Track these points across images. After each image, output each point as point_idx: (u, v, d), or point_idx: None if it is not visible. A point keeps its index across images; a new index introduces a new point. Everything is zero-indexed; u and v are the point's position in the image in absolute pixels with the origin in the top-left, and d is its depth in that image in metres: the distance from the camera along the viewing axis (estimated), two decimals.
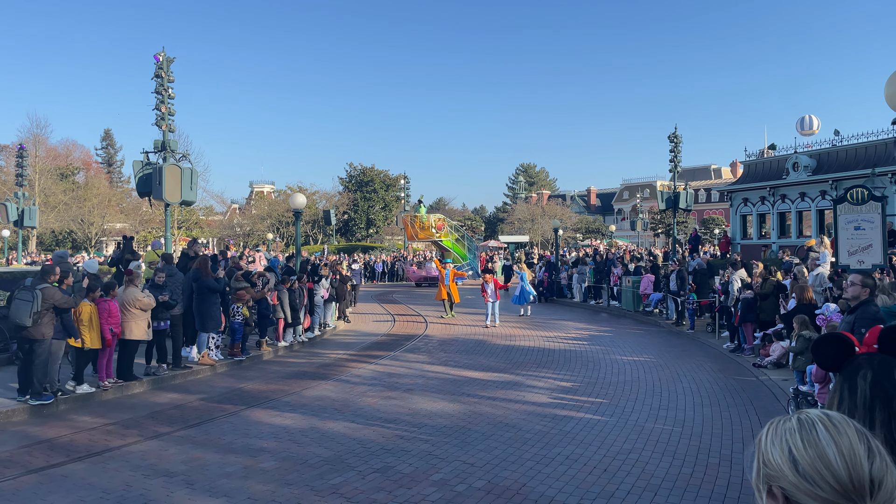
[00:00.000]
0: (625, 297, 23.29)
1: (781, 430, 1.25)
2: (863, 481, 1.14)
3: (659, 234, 65.73)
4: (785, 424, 1.26)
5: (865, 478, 1.15)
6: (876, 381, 1.65)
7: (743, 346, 14.33)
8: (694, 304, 18.27)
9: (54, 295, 9.75)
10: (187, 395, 11.00)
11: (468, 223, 73.16)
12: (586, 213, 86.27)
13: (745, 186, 26.78)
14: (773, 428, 1.28)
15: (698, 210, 63.66)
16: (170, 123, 18.02)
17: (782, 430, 1.25)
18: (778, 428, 1.27)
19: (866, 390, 1.64)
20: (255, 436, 8.47)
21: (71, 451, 7.84)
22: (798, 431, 1.22)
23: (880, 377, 1.65)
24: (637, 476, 6.89)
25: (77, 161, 66.03)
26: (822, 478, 1.16)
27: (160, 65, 17.87)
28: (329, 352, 15.54)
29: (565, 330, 18.74)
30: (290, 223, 59.17)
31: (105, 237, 60.41)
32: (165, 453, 7.76)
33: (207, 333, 13.27)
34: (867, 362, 1.68)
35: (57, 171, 58.49)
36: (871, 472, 1.15)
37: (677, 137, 27.70)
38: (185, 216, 56.29)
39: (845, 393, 1.67)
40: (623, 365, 13.24)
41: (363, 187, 70.80)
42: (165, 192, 17.28)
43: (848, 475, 1.15)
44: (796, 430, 1.23)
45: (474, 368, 13.01)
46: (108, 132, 78.26)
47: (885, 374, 1.65)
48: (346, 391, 11.14)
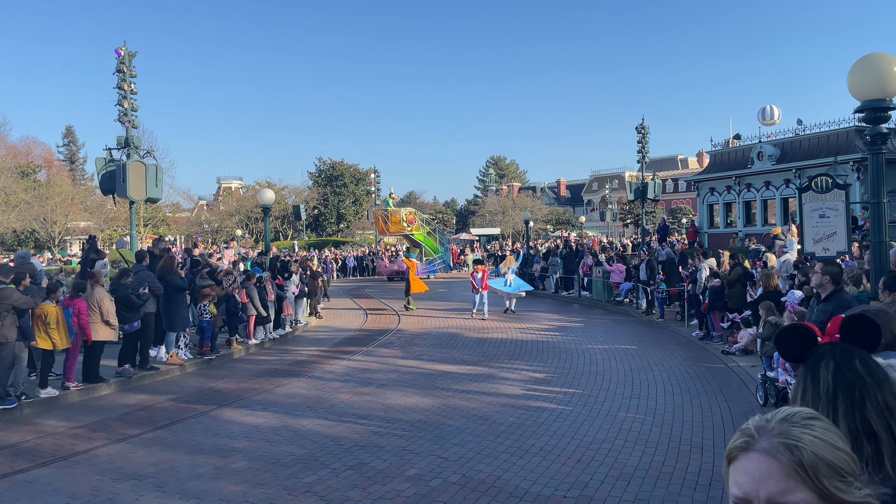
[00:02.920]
0: (595, 287, 23.48)
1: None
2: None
3: (628, 224, 66.43)
4: (770, 422, 1.24)
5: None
6: (838, 371, 1.65)
7: (711, 333, 14.55)
8: (663, 293, 18.49)
9: (12, 296, 9.49)
10: (156, 395, 10.82)
11: (439, 216, 73.10)
12: (556, 204, 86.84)
13: (711, 176, 27.12)
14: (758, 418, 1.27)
15: (666, 200, 64.38)
16: (133, 119, 17.67)
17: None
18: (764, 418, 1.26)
19: (829, 380, 1.65)
20: (227, 436, 8.36)
21: (36, 456, 7.66)
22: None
23: (842, 366, 1.66)
24: (610, 465, 6.95)
25: (38, 159, 64.43)
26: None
27: (122, 59, 17.49)
28: (301, 348, 15.42)
29: (537, 321, 18.84)
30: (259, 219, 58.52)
31: (69, 236, 59.15)
32: (134, 456, 7.62)
33: (175, 332, 13.07)
34: (829, 352, 1.69)
35: (17, 169, 57.01)
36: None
37: (645, 128, 27.99)
38: (151, 213, 55.35)
39: (808, 384, 1.68)
40: (595, 355, 13.35)
41: (333, 182, 70.36)
42: (130, 189, 16.96)
43: None
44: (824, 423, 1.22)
45: (447, 362, 13.01)
46: (69, 129, 76.59)
47: (846, 364, 1.66)
48: (318, 388, 11.06)
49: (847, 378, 1.65)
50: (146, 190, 17.28)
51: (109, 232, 53.84)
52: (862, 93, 6.61)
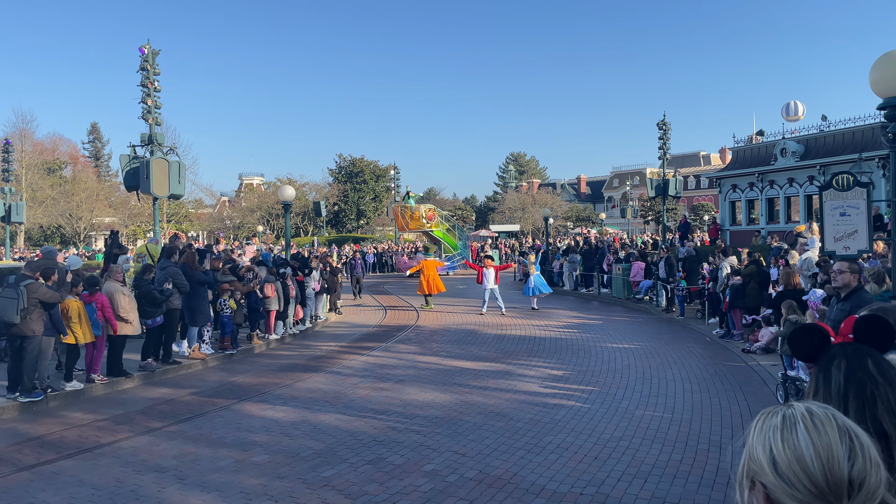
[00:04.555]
0: (615, 284, 23.38)
1: (767, 427, 1.24)
2: (840, 483, 1.14)
3: (649, 221, 65.95)
4: (771, 420, 1.25)
5: (843, 480, 1.14)
6: (850, 370, 1.66)
7: (732, 331, 14.44)
8: (683, 290, 18.37)
9: (39, 290, 9.69)
10: (178, 389, 10.98)
11: (459, 213, 73.17)
12: (576, 201, 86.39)
13: (733, 173, 26.86)
14: (761, 422, 1.27)
15: (688, 197, 63.90)
16: (156, 116, 17.90)
17: (768, 426, 1.25)
18: (764, 423, 1.26)
19: (840, 380, 1.66)
20: (247, 429, 8.48)
21: (61, 448, 7.82)
22: (780, 430, 1.21)
23: (854, 366, 1.67)
24: (627, 463, 6.94)
25: (64, 155, 65.48)
26: (798, 480, 1.15)
27: (145, 57, 17.72)
28: (320, 344, 15.54)
29: (556, 318, 18.81)
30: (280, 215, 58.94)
31: (94, 232, 60.03)
32: (156, 448, 7.76)
33: (197, 327, 13.24)
34: (841, 352, 1.70)
35: (44, 165, 58.00)
36: (850, 473, 1.15)
37: (666, 125, 27.76)
38: (175, 209, 55.95)
39: (820, 383, 1.69)
40: (613, 352, 13.31)
41: (353, 178, 70.60)
42: (153, 185, 17.19)
43: (824, 477, 1.14)
44: (779, 428, 1.22)
45: (465, 358, 13.05)
46: (94, 126, 77.67)
47: (858, 363, 1.67)
48: (337, 383, 11.15)
49: (859, 378, 1.66)
50: (169, 186, 17.51)
51: (133, 227, 54.57)
52: (884, 90, 6.54)
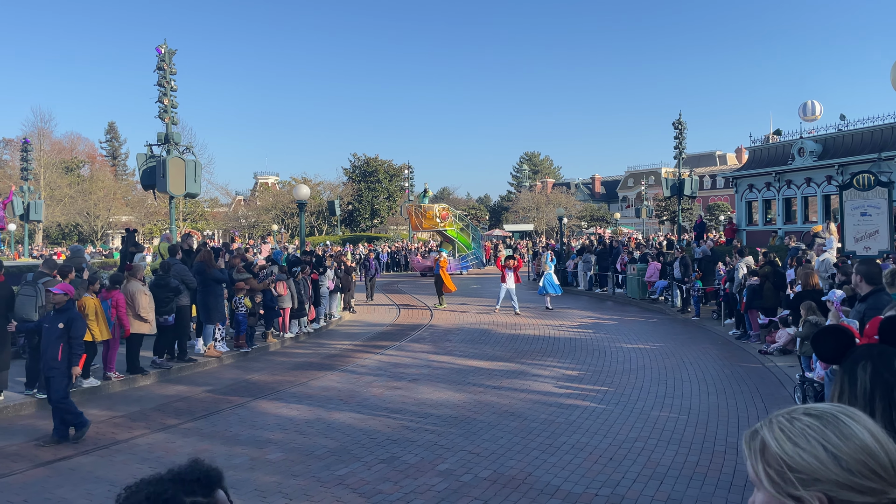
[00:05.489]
0: (630, 284, 23.26)
1: (798, 431, 1.16)
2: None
3: (664, 221, 65.60)
4: (796, 424, 1.17)
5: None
6: (876, 372, 1.63)
7: (749, 332, 14.31)
8: (699, 291, 18.24)
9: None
10: (194, 387, 11.05)
11: (472, 212, 73.08)
12: (591, 200, 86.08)
13: (750, 172, 26.62)
14: (779, 432, 1.18)
15: (703, 197, 63.49)
16: (173, 116, 18.00)
17: (798, 430, 1.16)
18: (787, 430, 1.17)
19: (866, 381, 1.63)
20: (262, 427, 8.51)
21: (78, 445, 7.88)
22: (824, 427, 1.14)
23: (880, 367, 1.64)
24: (643, 464, 6.89)
25: (82, 154, 66.15)
26: (868, 468, 1.11)
27: (162, 57, 17.82)
28: (335, 342, 15.58)
29: (570, 318, 18.73)
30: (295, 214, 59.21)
31: (111, 230, 60.60)
32: (172, 445, 7.81)
33: (213, 325, 13.32)
34: (867, 353, 1.67)
35: (62, 164, 58.63)
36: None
37: (682, 124, 27.57)
38: (190, 208, 56.36)
39: (845, 385, 1.66)
40: (628, 353, 13.23)
41: (367, 178, 70.75)
42: (169, 184, 17.29)
43: (890, 461, 1.11)
44: (822, 427, 1.15)
45: (479, 358, 13.02)
46: (112, 125, 78.33)
47: (884, 365, 1.64)
48: (351, 382, 11.17)
49: (885, 380, 1.63)
50: (185, 185, 17.60)
51: (150, 226, 55.01)
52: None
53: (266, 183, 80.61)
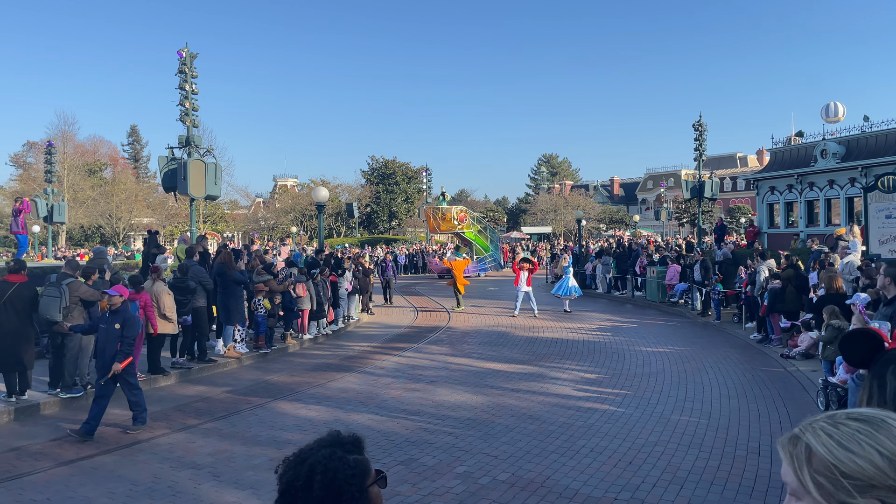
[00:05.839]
0: (649, 287, 23.09)
1: (847, 436, 1.12)
2: None
3: (684, 223, 65.08)
4: (843, 429, 1.13)
5: None
6: None
7: (770, 336, 14.15)
8: (720, 294, 18.06)
9: (79, 288, 9.91)
10: (214, 387, 11.13)
11: (490, 214, 72.99)
12: (610, 203, 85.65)
13: (771, 174, 26.34)
14: (826, 438, 1.13)
15: (724, 199, 62.91)
16: (194, 119, 18.16)
17: (847, 435, 1.12)
18: (836, 435, 1.13)
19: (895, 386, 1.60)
20: (281, 428, 8.55)
21: (100, 444, 7.97)
22: (875, 431, 1.11)
23: None
24: (663, 469, 6.83)
25: (104, 157, 67.02)
26: None
27: (183, 60, 17.99)
28: (353, 344, 15.62)
29: (589, 321, 18.64)
30: (314, 216, 59.50)
31: (132, 232, 61.29)
32: (193, 445, 7.87)
33: (233, 326, 13.41)
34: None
35: (85, 167, 59.43)
36: None
37: (702, 126, 27.34)
38: (211, 210, 56.89)
39: (874, 389, 1.63)
40: (648, 356, 13.13)
41: (385, 180, 70.96)
42: (190, 186, 17.44)
43: None
44: (873, 431, 1.11)
45: (497, 360, 12.99)
46: (134, 128, 79.35)
47: None
48: (370, 383, 11.19)
49: None
50: (206, 187, 17.75)
51: (171, 228, 55.57)
52: None
53: (285, 185, 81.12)
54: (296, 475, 1.67)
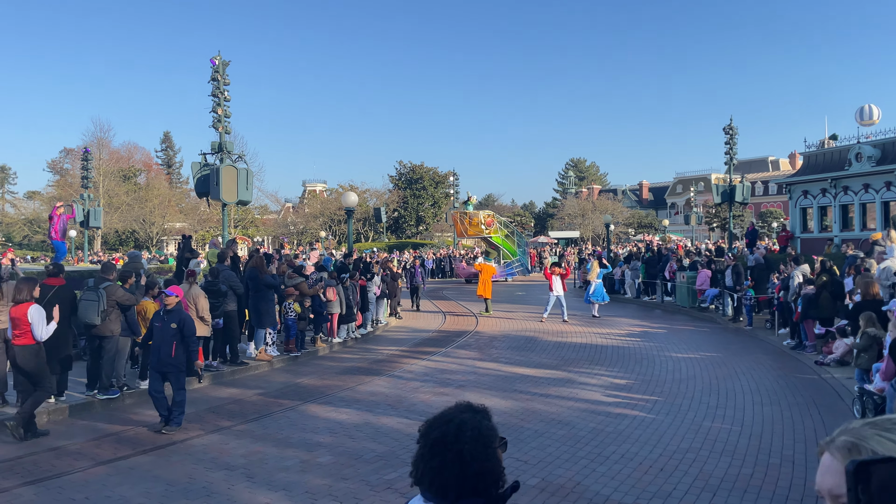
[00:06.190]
0: (679, 292, 22.84)
1: None
2: None
3: (714, 228, 64.25)
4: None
5: None
6: None
7: (804, 343, 13.91)
8: (752, 299, 17.81)
9: (116, 292, 10.13)
10: (245, 389, 11.29)
11: (517, 219, 72.83)
12: (638, 207, 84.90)
13: (805, 178, 25.90)
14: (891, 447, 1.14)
15: (755, 203, 62.01)
16: (226, 125, 18.47)
17: None
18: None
19: None
20: (312, 430, 8.65)
21: (137, 444, 8.15)
22: None
23: None
24: (695, 476, 6.77)
25: (138, 163, 68.35)
26: None
27: (216, 68, 18.32)
28: (381, 348, 15.72)
29: (618, 326, 18.50)
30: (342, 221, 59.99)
31: (165, 236, 62.35)
32: (226, 447, 8.00)
33: (264, 329, 13.59)
34: None
35: (120, 172, 60.65)
36: None
37: (733, 129, 27.02)
38: (241, 215, 57.67)
39: None
40: (678, 362, 13.01)
41: (413, 185, 71.26)
42: (223, 192, 17.73)
43: None
44: None
45: (526, 365, 12.97)
46: (167, 134, 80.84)
47: None
48: (398, 387, 11.26)
49: None
50: (237, 193, 18.03)
51: (203, 233, 56.42)
52: None
53: (314, 190, 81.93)
54: (446, 431, 1.96)
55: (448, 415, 2.03)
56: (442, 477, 1.93)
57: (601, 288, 21.11)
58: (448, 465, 1.92)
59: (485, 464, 1.95)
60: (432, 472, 1.95)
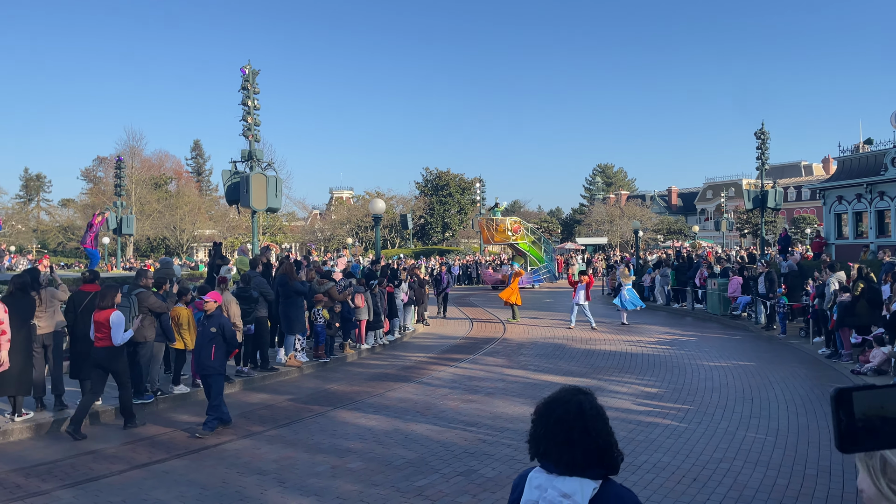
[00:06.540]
0: (710, 300, 22.55)
1: None
2: None
3: (745, 234, 63.36)
4: None
5: None
6: None
7: (840, 351, 13.64)
8: (785, 307, 17.52)
9: (148, 299, 10.30)
10: (276, 395, 11.40)
11: (544, 225, 72.53)
12: (667, 213, 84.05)
13: (839, 183, 25.46)
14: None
15: (787, 209, 61.01)
16: (255, 133, 18.72)
17: None
18: None
19: None
20: (342, 436, 8.70)
21: (171, 449, 8.27)
22: None
23: None
24: (729, 486, 6.68)
25: (169, 171, 69.39)
26: None
27: (246, 77, 18.60)
28: (409, 354, 15.75)
29: (648, 334, 18.32)
30: (369, 227, 60.32)
31: (195, 243, 63.22)
32: (258, 452, 8.08)
33: (294, 336, 13.71)
34: None
35: (151, 180, 61.67)
36: None
37: (764, 134, 26.68)
38: (269, 222, 58.25)
39: None
40: (710, 371, 12.84)
41: (439, 191, 71.41)
42: (252, 199, 17.97)
43: None
44: None
45: (554, 373, 12.90)
46: (197, 143, 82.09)
47: None
48: (427, 393, 11.27)
49: None
50: (267, 200, 18.26)
51: (231, 239, 57.13)
52: None
53: (341, 197, 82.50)
54: (568, 410, 2.23)
55: (564, 397, 2.29)
56: (571, 451, 2.17)
57: (634, 294, 20.91)
58: (576, 440, 2.17)
59: (607, 437, 2.22)
60: (559, 446, 2.19)
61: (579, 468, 2.17)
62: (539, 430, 2.25)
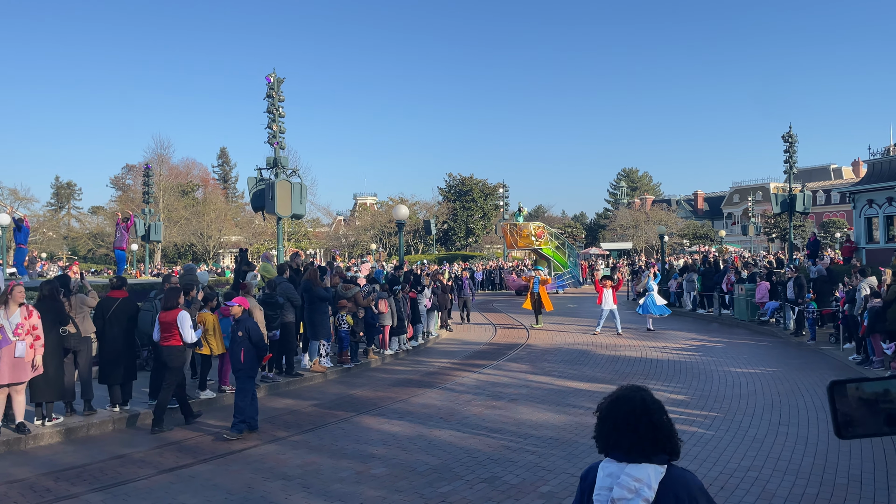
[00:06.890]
0: (738, 305, 22.25)
1: None
2: None
3: (773, 238, 62.45)
4: None
5: None
6: None
7: (871, 358, 13.37)
8: (814, 313, 17.23)
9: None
10: (301, 400, 11.47)
11: (568, 230, 72.25)
12: (693, 217, 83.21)
13: (869, 187, 25.01)
14: None
15: (816, 213, 60.06)
16: (281, 141, 18.90)
17: None
18: None
19: None
20: (366, 442, 8.72)
21: (197, 453, 8.35)
22: None
23: None
24: (757, 495, 6.57)
25: (196, 178, 70.44)
26: None
27: (271, 85, 18.79)
28: (433, 360, 15.76)
29: (674, 340, 18.13)
30: (393, 233, 60.56)
31: (221, 249, 63.98)
32: (283, 457, 8.13)
33: (318, 341, 13.79)
34: None
35: (178, 188, 62.61)
36: None
37: (792, 137, 26.31)
38: (294, 228, 58.75)
39: None
40: (737, 377, 12.66)
41: (462, 197, 71.50)
42: (278, 206, 18.13)
43: None
44: None
45: (579, 379, 12.82)
46: (223, 150, 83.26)
47: None
48: (451, 399, 11.26)
49: None
50: (292, 207, 18.41)
51: (257, 246, 57.72)
52: None
53: (365, 203, 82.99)
54: (633, 406, 2.46)
55: (627, 394, 2.54)
56: (640, 441, 2.40)
57: (654, 298, 20.65)
58: (644, 432, 2.41)
59: (669, 427, 2.45)
60: (629, 438, 2.43)
61: (647, 456, 2.40)
62: (608, 424, 2.51)
